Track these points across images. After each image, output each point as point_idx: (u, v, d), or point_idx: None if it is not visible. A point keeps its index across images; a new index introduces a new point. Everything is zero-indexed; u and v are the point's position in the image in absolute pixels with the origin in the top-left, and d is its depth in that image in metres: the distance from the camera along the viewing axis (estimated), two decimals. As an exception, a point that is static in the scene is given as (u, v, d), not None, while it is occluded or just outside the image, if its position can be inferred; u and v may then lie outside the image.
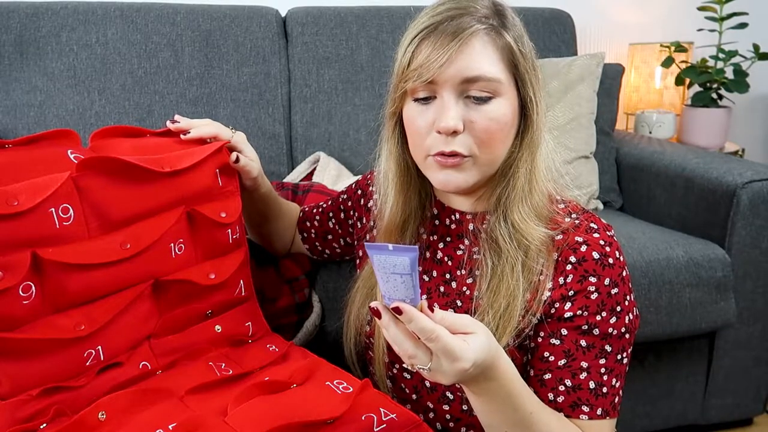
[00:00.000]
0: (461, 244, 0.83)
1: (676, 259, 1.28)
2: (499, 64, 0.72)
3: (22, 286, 0.70)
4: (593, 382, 0.74)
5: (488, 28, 0.71)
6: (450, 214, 0.84)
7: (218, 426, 0.69)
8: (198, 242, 0.86)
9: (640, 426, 1.43)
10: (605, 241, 0.75)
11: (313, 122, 1.65)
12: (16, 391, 0.71)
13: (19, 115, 1.47)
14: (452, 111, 0.71)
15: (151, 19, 1.56)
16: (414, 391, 0.84)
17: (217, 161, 0.88)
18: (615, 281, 0.74)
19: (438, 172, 0.75)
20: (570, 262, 0.74)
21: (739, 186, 1.32)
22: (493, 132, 0.73)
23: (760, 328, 1.41)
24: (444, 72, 0.70)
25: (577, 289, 0.74)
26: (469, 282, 0.81)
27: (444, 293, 0.82)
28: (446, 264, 0.84)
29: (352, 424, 0.69)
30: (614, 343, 0.75)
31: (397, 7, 1.74)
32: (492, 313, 0.74)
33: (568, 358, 0.74)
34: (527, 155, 0.76)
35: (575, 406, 0.74)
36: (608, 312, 0.74)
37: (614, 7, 2.19)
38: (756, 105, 2.36)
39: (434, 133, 0.73)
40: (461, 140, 0.72)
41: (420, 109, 0.74)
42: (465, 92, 0.72)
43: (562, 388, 0.74)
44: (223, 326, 0.88)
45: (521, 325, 0.74)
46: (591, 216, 0.78)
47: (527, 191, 0.75)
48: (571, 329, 0.74)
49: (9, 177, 0.71)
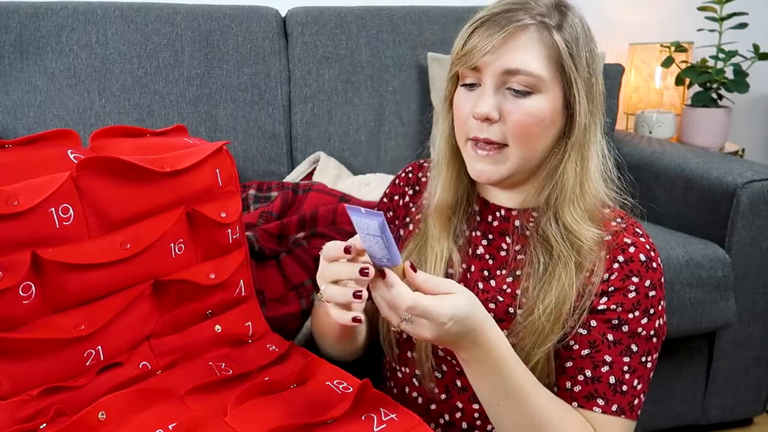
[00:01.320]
0: (503, 242, 0.83)
1: (676, 259, 1.28)
2: (544, 61, 0.73)
3: (22, 286, 0.70)
4: (614, 378, 0.74)
5: (539, 25, 0.73)
6: (494, 211, 0.84)
7: (218, 426, 0.69)
8: (198, 242, 0.86)
9: (640, 426, 1.42)
10: (650, 246, 0.77)
11: (313, 122, 1.65)
12: (16, 391, 0.71)
13: (19, 115, 1.47)
14: (488, 99, 0.73)
15: (151, 19, 1.56)
16: (444, 391, 0.84)
17: (217, 161, 0.88)
18: (654, 285, 0.76)
19: (473, 162, 0.78)
20: (618, 261, 0.76)
21: (739, 186, 1.32)
22: (528, 126, 0.74)
23: (760, 328, 1.41)
24: (487, 60, 0.73)
25: (618, 287, 0.75)
26: (510, 281, 0.81)
27: (483, 290, 0.82)
28: (486, 261, 0.84)
29: (352, 424, 0.69)
30: (641, 343, 0.75)
31: (397, 7, 1.74)
32: (542, 309, 0.74)
33: (592, 349, 0.75)
34: (575, 157, 0.76)
35: (590, 397, 0.74)
36: (641, 312, 0.75)
37: (614, 7, 2.19)
38: (756, 105, 2.35)
39: (473, 118, 0.75)
40: (496, 129, 0.74)
41: (466, 94, 0.77)
42: (505, 83, 0.74)
43: (581, 378, 0.75)
44: (223, 326, 0.88)
45: (569, 324, 0.75)
46: (635, 222, 0.80)
47: (578, 194, 0.76)
48: (601, 322, 0.75)
49: (9, 177, 0.71)
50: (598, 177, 0.78)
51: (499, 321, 0.79)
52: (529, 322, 0.75)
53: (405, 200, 0.93)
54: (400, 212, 0.94)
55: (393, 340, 0.88)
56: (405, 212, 0.93)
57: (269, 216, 1.23)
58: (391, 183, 0.97)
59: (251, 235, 1.12)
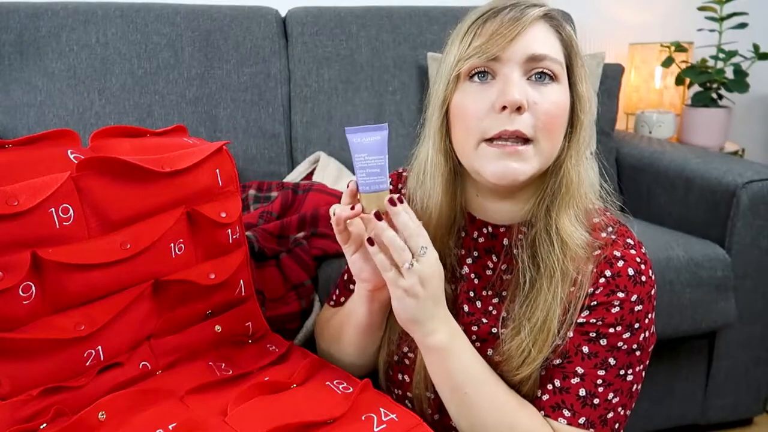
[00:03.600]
0: (489, 261, 0.80)
1: (676, 259, 1.28)
2: (559, 50, 0.72)
3: (22, 286, 0.70)
4: (584, 390, 0.73)
5: (550, 18, 0.72)
6: (480, 227, 0.80)
7: (218, 426, 0.69)
8: (198, 242, 0.86)
9: (640, 426, 1.43)
10: (641, 259, 0.74)
11: (313, 122, 1.65)
12: (16, 391, 0.71)
13: (19, 115, 1.47)
14: (517, 86, 0.68)
15: (151, 19, 1.56)
16: (437, 411, 0.83)
17: (217, 161, 0.88)
18: (642, 299, 0.73)
19: (494, 162, 0.70)
20: (604, 276, 0.73)
21: (739, 186, 1.32)
22: (555, 117, 0.70)
23: (760, 328, 1.41)
24: (510, 48, 0.69)
25: (602, 301, 0.73)
26: (495, 302, 0.79)
27: (468, 312, 0.80)
28: (472, 281, 0.81)
29: (352, 424, 0.70)
30: (620, 357, 0.73)
31: (397, 7, 1.74)
32: (529, 328, 0.73)
33: (564, 359, 0.74)
34: (575, 157, 0.74)
35: (557, 408, 0.73)
36: (624, 327, 0.73)
37: (614, 7, 2.19)
38: (756, 105, 2.35)
39: (494, 113, 0.69)
40: (525, 119, 0.69)
41: (478, 89, 0.71)
42: (529, 71, 0.70)
43: (550, 387, 0.74)
44: (223, 326, 0.88)
45: (558, 339, 0.73)
46: (627, 231, 0.77)
47: (577, 197, 0.74)
48: (578, 334, 0.73)
49: (9, 177, 0.71)
50: (590, 178, 0.76)
51: (481, 341, 0.79)
52: (515, 343, 0.74)
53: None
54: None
55: (383, 362, 0.87)
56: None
57: (269, 216, 1.23)
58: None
59: (251, 235, 1.12)
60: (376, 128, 0.69)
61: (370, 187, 0.70)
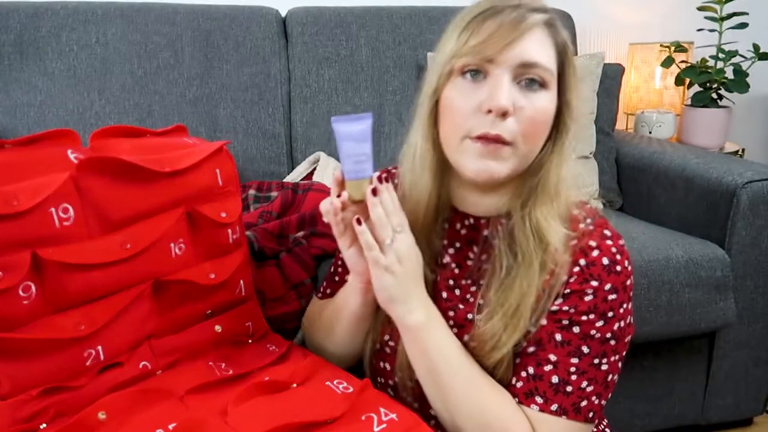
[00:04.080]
0: (470, 252, 0.82)
1: (676, 259, 1.28)
2: (553, 58, 0.73)
3: (22, 286, 0.70)
4: (557, 377, 0.73)
5: (547, 23, 0.73)
6: (462, 219, 0.82)
7: (218, 426, 0.69)
8: (198, 242, 0.86)
9: (640, 426, 1.43)
10: (617, 249, 0.75)
11: (313, 122, 1.65)
12: (16, 391, 0.71)
13: (19, 115, 1.47)
14: (506, 92, 0.70)
15: (151, 19, 1.56)
16: (418, 400, 0.83)
17: (217, 161, 0.88)
18: (616, 288, 0.74)
19: (474, 159, 0.72)
20: (579, 265, 0.74)
21: (739, 186, 1.32)
22: (537, 124, 0.72)
23: (760, 328, 1.41)
24: (505, 51, 0.70)
25: (575, 289, 0.74)
26: (473, 290, 0.80)
27: (447, 299, 0.82)
28: (452, 270, 0.83)
29: (352, 424, 0.70)
30: (594, 346, 0.74)
31: (397, 7, 1.74)
32: (501, 313, 0.74)
33: (537, 347, 0.75)
34: (558, 160, 0.75)
35: (530, 394, 0.74)
36: (597, 315, 0.74)
37: (614, 7, 2.19)
38: (756, 105, 2.35)
39: (480, 114, 0.71)
40: (508, 125, 0.70)
41: (469, 87, 0.72)
42: (519, 77, 0.71)
43: (524, 374, 0.75)
44: (223, 326, 0.89)
45: (530, 325, 0.74)
46: (604, 223, 0.78)
47: (553, 195, 0.75)
48: (552, 321, 0.74)
49: (9, 177, 0.71)
50: (572, 180, 0.77)
51: (458, 327, 0.80)
52: (488, 327, 0.75)
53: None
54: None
55: (368, 350, 0.88)
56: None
57: (269, 216, 1.23)
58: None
59: (251, 234, 1.12)
60: (360, 117, 0.73)
61: (357, 174, 0.72)
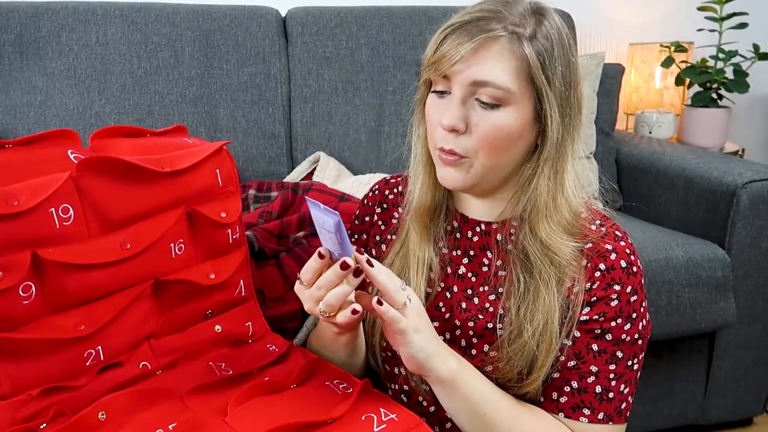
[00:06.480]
0: (485, 257, 0.81)
1: (676, 259, 1.28)
2: (513, 74, 0.70)
3: (22, 286, 0.70)
4: (600, 387, 0.74)
5: (511, 36, 0.70)
6: (473, 226, 0.82)
7: (218, 426, 0.69)
8: (198, 242, 0.86)
9: (640, 426, 1.43)
10: (630, 250, 0.76)
11: (313, 122, 1.65)
12: (16, 391, 0.71)
13: (19, 115, 1.47)
14: (455, 111, 0.72)
15: (151, 19, 1.56)
16: (433, 403, 0.83)
17: (217, 161, 0.88)
18: (636, 289, 0.75)
19: (440, 168, 0.76)
20: (599, 269, 0.74)
21: (739, 186, 1.32)
22: (494, 139, 0.72)
23: (760, 328, 1.41)
24: (456, 70, 0.71)
25: (601, 296, 0.74)
26: (492, 299, 0.80)
27: (465, 309, 0.81)
28: (469, 279, 0.82)
29: (352, 424, 0.69)
30: (626, 349, 0.75)
31: (397, 7, 1.74)
32: (531, 331, 0.73)
33: (578, 360, 0.75)
34: (549, 171, 0.74)
35: (577, 408, 0.74)
36: (624, 319, 0.75)
37: (614, 7, 2.19)
38: (756, 105, 2.36)
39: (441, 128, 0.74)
40: (461, 141, 0.73)
41: (436, 101, 0.75)
42: (474, 94, 0.71)
43: (568, 389, 0.75)
44: (223, 326, 0.88)
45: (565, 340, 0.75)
46: (613, 223, 0.79)
47: (552, 208, 0.74)
48: (584, 332, 0.75)
49: (9, 177, 0.71)
50: (575, 191, 0.76)
51: (478, 337, 0.80)
52: (518, 345, 0.74)
53: (374, 219, 0.93)
54: (374, 231, 0.93)
55: (380, 358, 0.88)
56: (376, 230, 0.92)
57: (269, 216, 1.23)
58: (360, 203, 0.96)
59: (251, 234, 1.12)
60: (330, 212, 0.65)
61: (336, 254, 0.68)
